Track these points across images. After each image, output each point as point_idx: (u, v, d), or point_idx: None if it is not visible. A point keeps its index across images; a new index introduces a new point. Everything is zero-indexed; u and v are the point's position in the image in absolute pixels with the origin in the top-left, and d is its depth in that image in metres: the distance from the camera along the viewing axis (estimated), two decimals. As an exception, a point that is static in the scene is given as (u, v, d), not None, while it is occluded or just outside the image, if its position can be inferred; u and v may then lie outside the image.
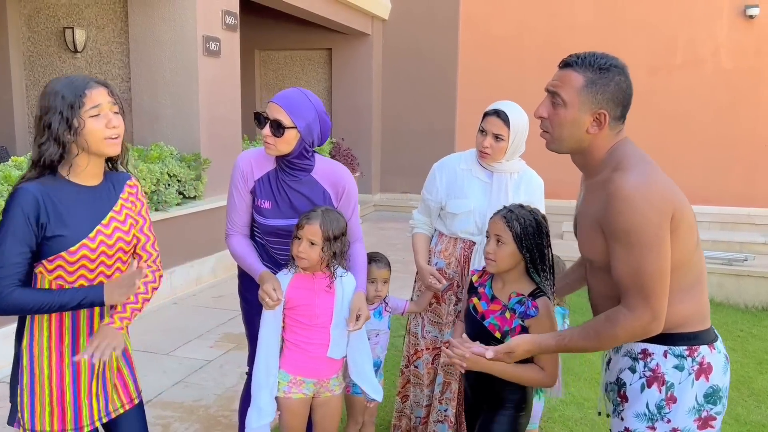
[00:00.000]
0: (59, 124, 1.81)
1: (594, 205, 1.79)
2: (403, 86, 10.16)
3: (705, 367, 1.77)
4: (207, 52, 6.01)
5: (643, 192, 1.67)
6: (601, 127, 1.78)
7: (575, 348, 1.85)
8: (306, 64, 10.41)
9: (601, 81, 1.76)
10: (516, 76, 9.64)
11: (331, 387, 2.48)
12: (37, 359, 1.92)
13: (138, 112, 6.21)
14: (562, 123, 1.81)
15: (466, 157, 2.96)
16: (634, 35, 9.13)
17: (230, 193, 2.56)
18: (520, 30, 9.68)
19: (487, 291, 2.27)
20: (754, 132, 8.65)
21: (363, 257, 2.63)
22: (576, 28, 9.39)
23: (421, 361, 3.03)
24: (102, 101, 1.85)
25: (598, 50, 1.89)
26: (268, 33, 10.11)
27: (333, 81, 10.17)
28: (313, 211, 2.37)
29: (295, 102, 2.36)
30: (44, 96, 1.86)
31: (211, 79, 6.10)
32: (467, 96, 9.97)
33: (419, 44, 10.08)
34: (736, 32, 8.83)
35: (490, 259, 2.21)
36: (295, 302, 2.40)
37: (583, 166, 1.90)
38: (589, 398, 3.94)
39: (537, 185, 2.91)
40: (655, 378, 1.77)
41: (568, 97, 1.78)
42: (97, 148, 1.86)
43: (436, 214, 2.98)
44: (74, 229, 1.86)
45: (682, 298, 1.76)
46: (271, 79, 10.60)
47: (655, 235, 1.66)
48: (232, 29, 6.41)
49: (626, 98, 1.79)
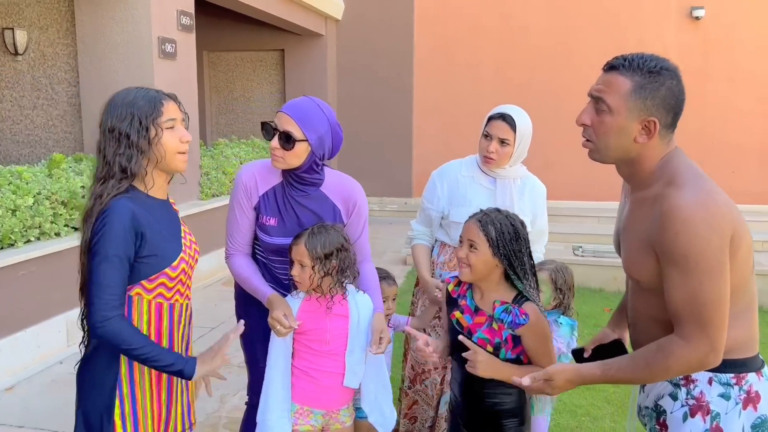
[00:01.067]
0: (138, 133, 1.76)
1: (644, 223, 1.66)
2: (359, 88, 10.00)
3: (753, 396, 1.67)
4: (163, 54, 5.70)
5: (703, 212, 1.54)
6: (651, 136, 1.64)
7: (623, 379, 1.71)
8: (258, 66, 10.11)
9: (651, 85, 1.62)
10: (472, 78, 9.64)
11: (341, 418, 2.32)
12: (139, 384, 1.84)
13: (89, 118, 5.84)
14: (608, 131, 1.67)
15: (467, 164, 2.86)
16: (586, 36, 9.27)
17: (231, 210, 2.38)
18: (475, 31, 9.68)
19: (470, 303, 2.12)
20: (702, 131, 8.91)
21: (375, 276, 2.47)
22: (530, 30, 9.45)
23: (429, 381, 2.91)
24: (176, 115, 1.82)
25: (552, 51, 1.79)
26: (217, 33, 9.77)
27: (286, 83, 9.91)
28: (304, 232, 2.21)
29: (307, 113, 2.19)
30: (114, 106, 1.79)
31: (167, 82, 5.79)
32: (424, 98, 9.91)
33: (374, 45, 9.95)
34: (683, 33, 9.09)
35: (463, 264, 2.06)
36: (305, 326, 2.23)
37: (629, 178, 1.77)
38: (581, 405, 3.90)
39: (540, 192, 2.84)
40: (699, 407, 1.67)
41: (615, 103, 1.64)
42: (170, 160, 1.82)
43: (438, 223, 2.88)
44: (171, 244, 1.84)
45: (733, 324, 1.64)
46: (221, 81, 10.26)
47: (716, 260, 1.54)
48: (187, 30, 6.11)
49: (678, 104, 1.65)
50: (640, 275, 1.72)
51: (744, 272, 1.64)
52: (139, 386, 1.84)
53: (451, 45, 9.78)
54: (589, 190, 9.21)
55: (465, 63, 9.73)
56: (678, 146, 1.73)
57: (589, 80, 1.70)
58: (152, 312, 1.84)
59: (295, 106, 2.21)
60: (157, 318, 1.85)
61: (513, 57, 9.56)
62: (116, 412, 1.81)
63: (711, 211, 1.55)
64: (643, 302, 1.78)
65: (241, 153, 7.32)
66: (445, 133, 9.66)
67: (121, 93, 1.83)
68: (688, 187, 1.59)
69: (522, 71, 9.51)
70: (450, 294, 2.21)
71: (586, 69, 9.31)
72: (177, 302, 1.89)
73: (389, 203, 9.91)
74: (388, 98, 9.98)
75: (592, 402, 3.94)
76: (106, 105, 1.82)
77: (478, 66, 9.68)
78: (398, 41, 9.87)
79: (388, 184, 9.92)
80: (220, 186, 6.71)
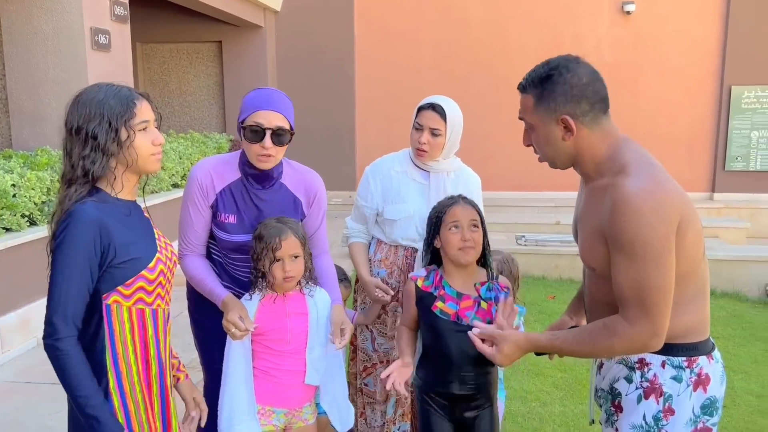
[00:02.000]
0: (107, 135, 1.64)
1: (597, 212, 1.71)
2: (300, 81, 9.88)
3: (703, 378, 1.74)
4: (96, 45, 5.47)
5: (651, 201, 1.59)
6: (573, 131, 1.72)
7: (566, 350, 1.79)
8: (194, 58, 9.84)
9: (546, 91, 1.72)
10: (413, 71, 9.67)
11: (304, 416, 2.29)
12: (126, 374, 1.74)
13: (16, 112, 5.54)
14: (541, 144, 1.80)
15: (400, 159, 2.82)
16: (524, 30, 9.45)
17: (185, 210, 2.28)
18: (415, 24, 9.71)
19: (449, 291, 2.18)
20: (635, 122, 9.23)
21: (333, 269, 2.45)
22: (470, 23, 9.56)
23: (371, 378, 2.87)
24: (150, 117, 1.72)
25: (491, 45, 1.90)
26: (151, 24, 9.45)
27: (225, 75, 9.69)
28: (273, 228, 2.15)
29: (286, 102, 2.17)
30: (82, 104, 1.66)
31: (101, 75, 5.55)
32: (366, 90, 9.88)
33: (314, 37, 9.84)
34: (615, 27, 9.38)
35: (469, 248, 2.17)
36: (264, 327, 2.18)
37: (584, 174, 1.84)
38: (531, 391, 3.98)
39: (475, 183, 2.85)
40: (653, 389, 1.73)
41: (531, 120, 1.79)
42: (143, 163, 1.72)
43: (373, 220, 2.83)
44: (145, 246, 1.75)
45: (685, 309, 1.71)
46: (156, 73, 9.94)
47: (662, 248, 1.59)
48: (122, 21, 5.88)
49: (582, 90, 1.70)
50: (595, 263, 1.77)
51: (694, 258, 1.70)
52: (131, 398, 1.75)
53: (392, 37, 9.78)
54: (528, 180, 9.40)
55: (406, 55, 9.75)
56: (627, 136, 1.78)
57: (525, 73, 1.79)
58: (134, 320, 1.73)
59: (276, 100, 2.15)
60: (141, 326, 1.74)
61: (453, 50, 9.65)
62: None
63: (659, 199, 1.60)
64: (599, 289, 1.82)
65: (180, 148, 7.12)
66: (388, 125, 9.67)
67: (90, 90, 1.71)
68: (637, 176, 1.63)
69: (462, 64, 9.61)
70: (421, 290, 2.23)
71: (524, 62, 9.45)
72: (159, 307, 1.79)
73: (333, 197, 9.83)
74: (330, 91, 9.90)
75: (541, 388, 4.04)
76: (73, 102, 1.70)
77: (419, 59, 9.72)
78: (339, 33, 9.80)
79: (331, 178, 9.82)
80: (158, 182, 6.50)
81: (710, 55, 9.36)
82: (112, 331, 1.70)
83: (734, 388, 4.06)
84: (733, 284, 6.32)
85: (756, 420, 3.69)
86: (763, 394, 4.05)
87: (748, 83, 9.22)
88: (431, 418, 2.23)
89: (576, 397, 3.93)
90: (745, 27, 9.12)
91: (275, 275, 2.14)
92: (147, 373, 1.77)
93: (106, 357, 1.70)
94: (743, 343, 4.91)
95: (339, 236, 8.33)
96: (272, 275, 2.14)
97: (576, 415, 3.69)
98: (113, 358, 1.71)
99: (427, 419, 2.25)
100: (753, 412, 3.78)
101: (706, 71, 9.38)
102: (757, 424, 3.64)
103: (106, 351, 1.70)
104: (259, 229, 2.17)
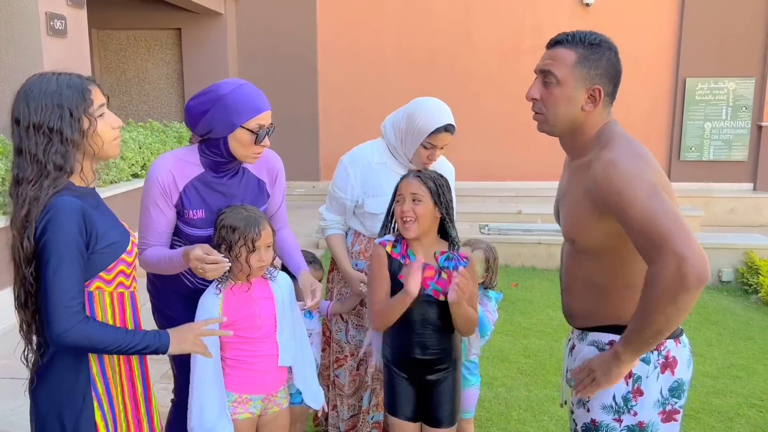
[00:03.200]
0: (71, 126, 1.60)
1: (582, 183, 1.76)
2: (261, 70, 9.75)
3: (671, 361, 1.78)
4: (51, 31, 5.31)
5: (636, 159, 1.68)
6: (596, 104, 1.77)
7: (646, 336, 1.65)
8: (152, 45, 9.62)
9: (594, 56, 1.75)
10: (376, 60, 9.66)
11: (278, 401, 2.30)
12: (108, 358, 1.72)
13: (-33, 100, 5.35)
14: (557, 102, 1.78)
15: (379, 150, 2.76)
16: (485, 21, 9.51)
17: (146, 211, 2.21)
18: (378, 12, 9.68)
19: (413, 260, 2.23)
20: (594, 112, 9.41)
21: (294, 239, 2.51)
22: (432, 13, 9.58)
23: (342, 370, 2.86)
24: (103, 100, 1.68)
25: (454, 34, 1.90)
26: (107, 11, 9.19)
27: (184, 63, 9.50)
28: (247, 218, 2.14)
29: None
30: (34, 98, 1.59)
31: (57, 61, 5.39)
32: (329, 79, 9.83)
33: (276, 25, 9.73)
34: (575, 19, 9.51)
35: (409, 219, 2.20)
36: (233, 317, 2.16)
37: (571, 148, 1.88)
38: (497, 377, 4.05)
39: (449, 171, 2.88)
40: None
41: (562, 75, 1.76)
42: (107, 149, 1.69)
43: (351, 212, 2.79)
44: (119, 230, 1.74)
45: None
46: (113, 61, 9.68)
47: (653, 186, 1.62)
48: (78, 6, 5.72)
49: (617, 75, 1.79)
50: (578, 235, 1.80)
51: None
52: (113, 382, 1.74)
53: (354, 25, 9.74)
54: (491, 170, 9.51)
55: (369, 44, 9.73)
56: (615, 118, 1.84)
57: (488, 64, 1.82)
58: (115, 304, 1.73)
59: (265, 97, 2.18)
60: (121, 310, 1.75)
61: (416, 39, 9.66)
62: (96, 414, 1.69)
63: (641, 160, 1.69)
64: (578, 266, 1.86)
65: (140, 137, 6.97)
66: (351, 115, 9.64)
67: (37, 82, 1.63)
68: (619, 149, 1.71)
69: (425, 53, 9.64)
70: (391, 256, 2.28)
71: (486, 52, 9.57)
72: (135, 289, 1.81)
73: (297, 187, 9.79)
74: (292, 80, 9.81)
75: (506, 374, 4.11)
76: (20, 96, 1.62)
77: (382, 48, 9.70)
78: (301, 21, 9.71)
79: (295, 168, 9.77)
80: (119, 172, 6.36)
81: (666, 47, 9.59)
82: (93, 315, 1.69)
83: (691, 370, 4.20)
84: (688, 270, 6.51)
85: (711, 401, 3.82)
86: (717, 375, 4.20)
87: (702, 75, 9.48)
88: (394, 381, 2.33)
89: (541, 382, 4.01)
90: (699, 20, 9.37)
91: (251, 264, 2.13)
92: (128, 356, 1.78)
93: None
94: (698, 327, 5.08)
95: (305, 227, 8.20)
96: (248, 265, 2.12)
97: (540, 399, 3.77)
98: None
99: (391, 384, 2.35)
100: (708, 393, 3.92)
101: (663, 63, 9.62)
102: (712, 404, 3.78)
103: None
104: (226, 218, 2.14)
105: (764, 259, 6.22)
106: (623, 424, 1.79)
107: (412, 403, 2.32)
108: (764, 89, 9.42)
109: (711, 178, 9.64)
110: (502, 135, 9.41)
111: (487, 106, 9.41)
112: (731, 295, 6.15)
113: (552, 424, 3.51)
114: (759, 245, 6.53)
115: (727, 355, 4.56)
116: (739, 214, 9.26)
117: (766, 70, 9.37)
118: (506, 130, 9.36)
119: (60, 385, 1.69)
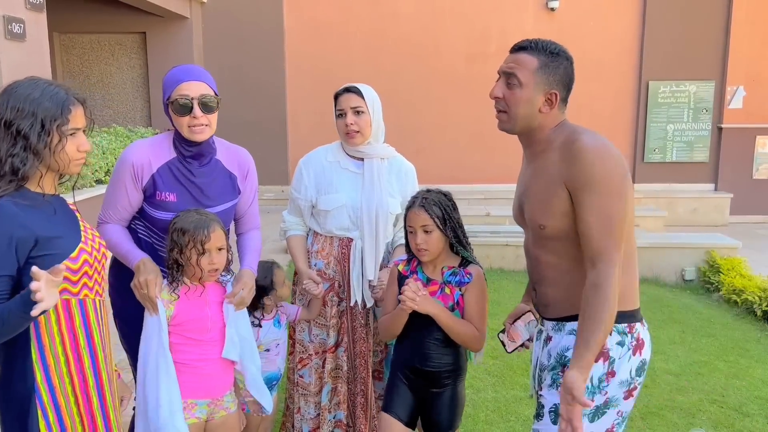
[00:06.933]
0: (38, 137, 1.60)
1: (551, 169, 1.88)
2: (228, 74, 9.67)
3: (640, 343, 1.90)
4: (10, 35, 5.19)
5: (609, 148, 1.83)
6: (552, 107, 1.90)
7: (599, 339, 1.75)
8: (116, 49, 9.48)
9: (553, 64, 1.90)
10: (344, 63, 9.64)
11: (225, 405, 2.29)
12: (54, 368, 1.68)
13: None
14: (518, 102, 1.91)
15: (333, 150, 2.84)
16: (452, 25, 9.57)
17: (113, 188, 2.26)
18: (345, 16, 9.68)
19: (421, 276, 2.38)
20: (560, 115, 9.53)
21: (259, 243, 2.51)
22: (400, 17, 9.61)
23: (307, 369, 2.87)
24: (81, 124, 1.69)
25: (420, 39, 2.00)
26: (69, 14, 9.04)
27: (149, 68, 9.38)
28: (198, 220, 2.14)
29: (205, 72, 2.21)
30: (15, 98, 1.61)
31: (16, 66, 5.28)
32: (297, 83, 9.79)
33: (242, 29, 9.66)
34: (540, 23, 9.63)
35: (422, 249, 2.31)
36: (182, 317, 2.16)
37: (529, 145, 2.00)
38: (465, 379, 4.07)
39: (409, 171, 2.90)
40: (601, 353, 1.85)
41: (525, 78, 1.89)
42: (64, 168, 1.69)
43: (308, 212, 2.84)
44: (68, 237, 1.72)
45: (625, 269, 1.85)
46: (76, 65, 9.51)
47: (622, 184, 1.80)
48: (37, 9, 5.60)
49: (570, 83, 1.94)
50: (545, 218, 1.89)
51: (631, 221, 1.86)
52: (58, 383, 1.70)
53: (321, 29, 9.72)
54: (458, 173, 9.55)
55: (336, 48, 9.72)
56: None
57: (455, 68, 1.90)
58: (59, 311, 1.69)
59: (196, 70, 2.18)
60: (67, 317, 1.71)
61: (383, 43, 9.68)
62: (41, 423, 1.66)
63: (612, 149, 1.84)
64: (549, 252, 1.94)
65: (104, 142, 6.85)
66: (319, 119, 9.61)
67: (26, 84, 1.65)
68: (589, 134, 1.85)
69: (392, 58, 9.66)
70: (401, 274, 2.43)
71: (453, 56, 9.64)
72: (87, 297, 1.76)
73: (266, 191, 9.72)
74: (260, 84, 9.75)
75: (474, 375, 4.13)
76: (4, 92, 1.64)
77: (349, 51, 9.70)
78: (267, 25, 9.66)
79: (263, 173, 9.60)
80: (81, 179, 6.25)
81: (629, 51, 9.76)
82: (36, 323, 1.66)
83: (654, 368, 4.27)
84: (652, 270, 6.63)
85: (674, 398, 3.90)
86: (680, 373, 4.28)
87: (664, 78, 9.67)
88: (396, 382, 2.42)
89: (508, 383, 4.04)
90: (660, 25, 9.56)
91: (202, 267, 2.13)
92: (80, 365, 1.74)
93: (32, 350, 1.66)
94: (662, 326, 5.17)
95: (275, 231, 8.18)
96: (199, 267, 2.12)
97: (508, 400, 3.80)
98: (39, 351, 1.67)
99: (392, 383, 2.44)
100: (672, 390, 4.00)
101: (626, 67, 9.78)
102: (675, 401, 3.85)
103: (31, 344, 1.66)
104: (177, 222, 2.16)
105: (725, 258, 6.37)
106: (594, 405, 1.86)
107: (409, 407, 2.40)
108: (723, 92, 9.66)
109: (674, 179, 9.83)
110: (469, 138, 9.47)
111: (455, 109, 9.48)
112: (694, 293, 6.28)
113: (519, 424, 3.54)
114: (720, 244, 6.68)
115: (689, 353, 4.65)
116: (701, 214, 9.46)
117: (725, 74, 9.59)
118: (474, 133, 9.42)
119: (6, 393, 1.67)
